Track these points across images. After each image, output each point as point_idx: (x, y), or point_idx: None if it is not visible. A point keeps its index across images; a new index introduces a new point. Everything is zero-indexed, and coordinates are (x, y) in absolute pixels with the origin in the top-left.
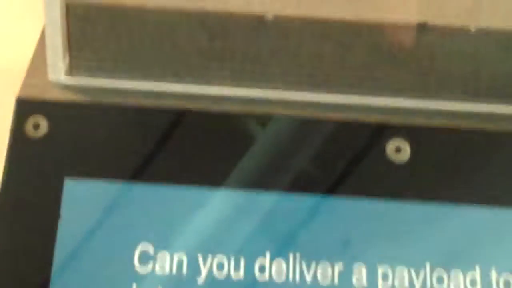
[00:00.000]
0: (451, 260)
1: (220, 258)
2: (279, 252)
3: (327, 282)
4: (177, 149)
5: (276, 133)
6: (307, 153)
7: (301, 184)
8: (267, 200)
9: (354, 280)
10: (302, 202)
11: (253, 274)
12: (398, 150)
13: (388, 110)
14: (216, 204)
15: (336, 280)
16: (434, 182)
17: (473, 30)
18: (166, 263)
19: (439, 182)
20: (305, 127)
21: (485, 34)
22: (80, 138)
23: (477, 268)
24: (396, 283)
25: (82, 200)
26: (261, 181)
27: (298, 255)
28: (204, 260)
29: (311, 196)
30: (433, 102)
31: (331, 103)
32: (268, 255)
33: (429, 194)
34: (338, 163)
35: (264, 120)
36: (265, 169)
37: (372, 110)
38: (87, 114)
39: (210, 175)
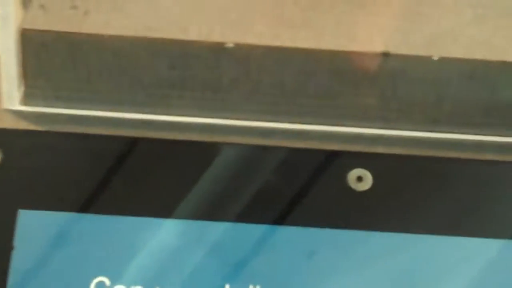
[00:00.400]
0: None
1: None
2: (239, 284)
3: None
4: (133, 178)
5: (238, 161)
6: (267, 182)
7: (260, 214)
8: (226, 230)
9: None
10: (262, 232)
11: None
12: (360, 179)
13: (350, 138)
14: (174, 235)
15: None
16: (396, 211)
17: (435, 58)
18: None
19: (401, 211)
20: (266, 155)
21: (447, 63)
22: (34, 168)
23: None
24: None
25: (36, 231)
26: (222, 211)
27: (258, 287)
28: None
29: (271, 226)
30: (395, 130)
31: (293, 131)
32: (227, 287)
33: (391, 223)
34: (299, 191)
35: (224, 148)
36: (227, 199)
37: (334, 138)
38: (42, 143)
39: (166, 205)
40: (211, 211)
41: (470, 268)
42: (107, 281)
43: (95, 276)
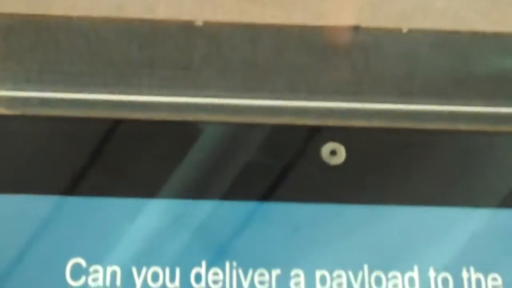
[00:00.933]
0: (389, 261)
1: (155, 269)
2: (215, 260)
3: None
4: (109, 160)
5: (210, 139)
6: (241, 159)
7: (236, 190)
8: (202, 208)
9: (292, 286)
10: (237, 209)
11: (189, 283)
12: (333, 152)
13: (322, 112)
14: (150, 214)
15: (273, 286)
16: (370, 184)
17: (405, 31)
18: (99, 277)
19: (375, 183)
20: (239, 132)
21: (417, 35)
22: (7, 152)
23: (415, 268)
24: (335, 287)
25: (11, 216)
26: (194, 189)
27: (234, 263)
28: (139, 272)
29: (246, 202)
30: (367, 103)
31: (265, 108)
32: (204, 264)
33: (366, 196)
34: (273, 167)
35: (197, 127)
36: (200, 176)
37: (306, 113)
38: (14, 127)
39: (143, 185)
40: (187, 190)
41: (447, 237)
42: (83, 262)
43: (71, 258)
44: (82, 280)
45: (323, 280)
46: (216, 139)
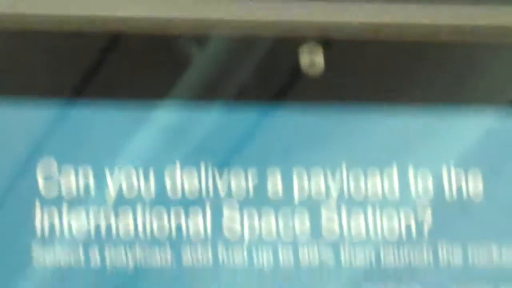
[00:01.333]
0: (368, 159)
1: (129, 169)
2: (190, 161)
3: (242, 190)
4: (86, 65)
5: (191, 50)
6: (223, 70)
7: (210, 92)
8: (175, 110)
9: (268, 185)
10: (211, 111)
11: (163, 184)
12: (312, 62)
13: (301, 20)
14: (125, 116)
15: (250, 187)
16: (348, 89)
17: None
18: (71, 179)
19: (353, 87)
20: (220, 45)
21: None
22: None
23: (394, 166)
24: (313, 184)
25: None
26: (168, 90)
27: (209, 163)
28: (111, 172)
29: (221, 104)
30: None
31: (237, 21)
32: (178, 164)
33: (344, 100)
34: (252, 77)
35: (179, 39)
36: (175, 79)
37: (287, 12)
38: None
39: (117, 87)
40: (160, 91)
41: (426, 135)
42: (53, 161)
43: (41, 157)
44: (53, 182)
45: (300, 178)
46: (199, 51)
